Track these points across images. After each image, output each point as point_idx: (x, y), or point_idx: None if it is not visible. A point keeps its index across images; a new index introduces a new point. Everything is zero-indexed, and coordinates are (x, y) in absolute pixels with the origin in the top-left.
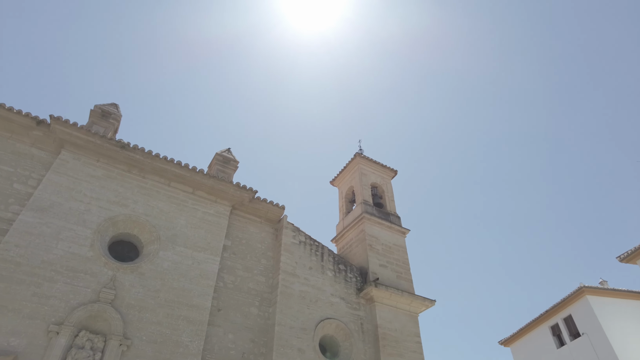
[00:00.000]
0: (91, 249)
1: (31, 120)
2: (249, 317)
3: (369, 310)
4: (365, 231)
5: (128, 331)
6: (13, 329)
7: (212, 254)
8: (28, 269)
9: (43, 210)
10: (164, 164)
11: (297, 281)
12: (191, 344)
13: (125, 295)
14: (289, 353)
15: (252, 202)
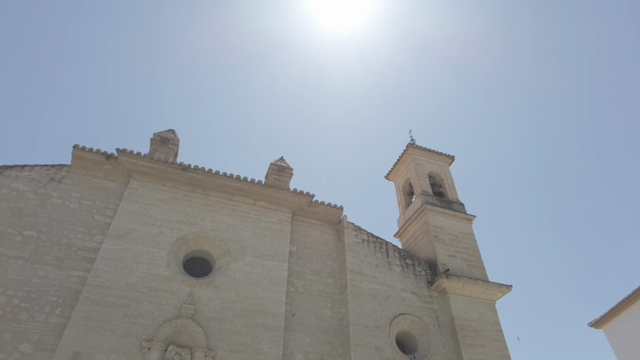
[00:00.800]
0: (168, 269)
1: (101, 155)
2: (322, 320)
3: (443, 303)
4: (428, 222)
5: (211, 342)
6: (112, 347)
7: (280, 260)
8: (116, 292)
9: (121, 237)
10: (225, 180)
11: (365, 280)
12: (271, 350)
13: (204, 308)
14: (367, 352)
15: (311, 206)
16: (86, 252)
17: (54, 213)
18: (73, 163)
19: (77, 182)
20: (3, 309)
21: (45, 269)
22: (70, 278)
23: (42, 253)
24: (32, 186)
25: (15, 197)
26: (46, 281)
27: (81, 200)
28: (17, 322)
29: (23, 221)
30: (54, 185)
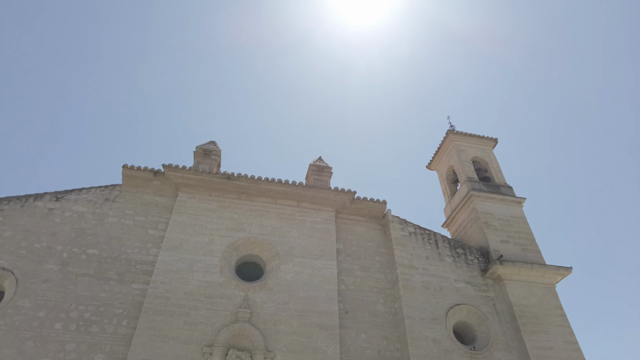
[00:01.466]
0: (221, 275)
1: (149, 172)
2: (376, 315)
3: (499, 290)
4: (476, 209)
5: (269, 344)
6: (176, 354)
7: (328, 259)
8: (175, 301)
9: (175, 248)
10: (267, 185)
11: (416, 272)
12: (328, 348)
13: (259, 311)
14: (424, 345)
15: (354, 203)
16: (144, 266)
17: (112, 231)
18: (124, 182)
19: (129, 200)
20: (77, 322)
21: (109, 284)
22: (132, 291)
23: (105, 269)
24: (90, 207)
25: (77, 218)
26: (111, 295)
27: (135, 217)
28: (90, 334)
29: (85, 240)
30: (109, 205)
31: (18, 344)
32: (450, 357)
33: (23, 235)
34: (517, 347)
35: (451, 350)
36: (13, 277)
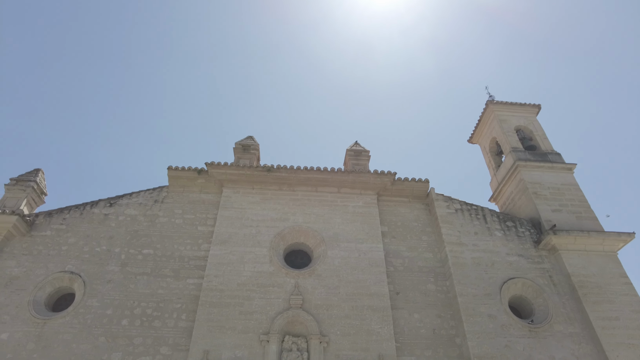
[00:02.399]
0: (271, 264)
1: (193, 172)
2: (428, 295)
3: (555, 261)
4: (524, 180)
5: (323, 329)
6: (235, 344)
7: (374, 242)
8: (229, 293)
9: (225, 242)
10: (307, 174)
11: (466, 249)
12: (382, 330)
13: (311, 297)
14: (480, 321)
15: (395, 185)
16: (197, 261)
17: (163, 230)
18: (170, 183)
19: (177, 199)
20: (141, 318)
21: (166, 281)
22: (188, 286)
23: (161, 267)
24: (141, 210)
25: (130, 221)
26: (169, 291)
27: (184, 215)
28: (153, 328)
29: (140, 241)
30: (158, 206)
31: (92, 340)
32: (508, 332)
33: (85, 240)
34: (580, 319)
35: (508, 325)
36: (81, 280)
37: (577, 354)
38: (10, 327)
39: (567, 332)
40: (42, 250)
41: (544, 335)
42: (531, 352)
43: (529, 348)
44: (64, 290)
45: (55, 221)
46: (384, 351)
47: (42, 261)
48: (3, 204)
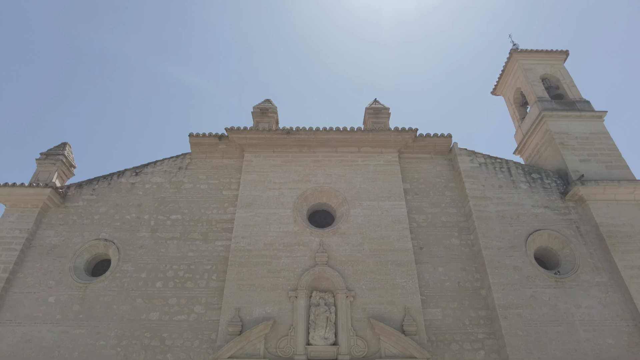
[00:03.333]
0: (295, 225)
1: (214, 137)
2: (452, 249)
3: (582, 212)
4: (550, 130)
5: (349, 284)
6: (265, 300)
7: (396, 199)
8: (257, 253)
9: (249, 205)
10: (326, 134)
11: (490, 203)
12: (407, 283)
13: (335, 255)
14: (505, 273)
15: (416, 141)
16: (224, 224)
17: (189, 196)
18: (192, 150)
19: (200, 165)
20: (174, 280)
21: (195, 244)
22: (216, 248)
23: (190, 231)
24: (166, 177)
25: (156, 189)
26: (199, 254)
27: (208, 181)
28: (187, 289)
29: (167, 208)
30: (183, 173)
31: (130, 301)
32: (534, 283)
33: (115, 209)
34: (607, 268)
35: (533, 276)
36: (115, 246)
37: (604, 302)
38: (56, 291)
39: (594, 282)
40: (77, 220)
41: (570, 285)
42: (557, 301)
43: (554, 298)
44: (100, 256)
45: (85, 192)
46: (410, 304)
47: (78, 230)
48: (36, 177)
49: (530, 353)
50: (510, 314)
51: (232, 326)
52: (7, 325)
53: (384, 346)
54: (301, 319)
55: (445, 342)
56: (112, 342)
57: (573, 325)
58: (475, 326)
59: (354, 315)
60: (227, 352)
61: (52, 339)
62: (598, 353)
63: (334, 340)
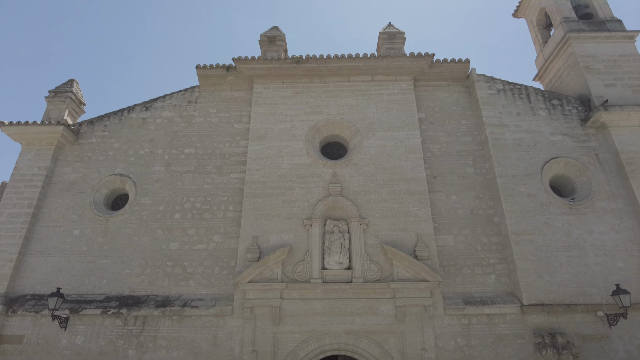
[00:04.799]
0: (308, 157)
1: (222, 69)
2: (466, 177)
3: (603, 139)
4: (575, 53)
5: (362, 212)
6: (281, 228)
7: (411, 129)
8: (271, 184)
9: (262, 137)
10: (338, 62)
11: (507, 131)
12: (419, 211)
13: (348, 185)
14: (519, 200)
15: (433, 67)
16: (237, 157)
17: (201, 130)
18: (200, 82)
19: (209, 98)
20: (191, 212)
21: (210, 177)
22: (231, 180)
23: (204, 164)
24: (176, 111)
25: (168, 123)
26: (214, 186)
27: (219, 114)
28: (204, 220)
29: (180, 142)
30: (192, 107)
31: (150, 233)
32: (548, 210)
33: (128, 145)
34: (624, 195)
35: (548, 203)
36: (131, 181)
37: (617, 228)
38: (79, 225)
39: (608, 208)
40: (92, 157)
41: (584, 212)
42: (570, 227)
43: (567, 224)
44: (118, 191)
45: (97, 129)
46: (422, 230)
47: (94, 166)
48: (48, 116)
49: (540, 277)
50: (523, 239)
51: (250, 253)
52: (39, 256)
53: (396, 270)
54: (316, 245)
55: (457, 266)
56: (137, 270)
57: (584, 250)
58: (487, 252)
59: (367, 241)
60: (246, 277)
61: (81, 268)
62: (607, 276)
63: (348, 264)
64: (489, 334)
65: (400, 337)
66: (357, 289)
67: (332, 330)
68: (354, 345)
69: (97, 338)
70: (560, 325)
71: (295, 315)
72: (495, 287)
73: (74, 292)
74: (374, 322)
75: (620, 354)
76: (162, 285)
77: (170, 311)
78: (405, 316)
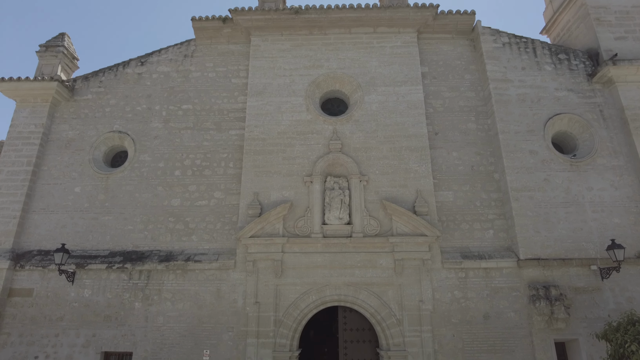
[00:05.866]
0: (308, 113)
1: (218, 21)
2: (468, 133)
3: (609, 95)
4: (586, 4)
5: (362, 169)
6: (282, 185)
7: (413, 84)
8: (271, 141)
9: (260, 93)
10: (339, 13)
11: (511, 86)
12: (420, 168)
13: (349, 142)
14: (521, 157)
15: (437, 19)
16: (236, 113)
17: (198, 85)
18: (197, 35)
19: (206, 52)
20: (192, 169)
21: (209, 133)
22: (231, 137)
23: (203, 120)
24: (172, 66)
25: (164, 78)
26: (214, 143)
27: (216, 69)
28: (205, 177)
29: (177, 97)
30: (189, 61)
31: (151, 189)
32: (548, 167)
33: (125, 101)
34: (626, 152)
35: (549, 160)
36: (130, 138)
37: (617, 185)
38: (80, 182)
39: (609, 165)
40: (89, 114)
41: (585, 168)
42: (569, 184)
43: (567, 181)
44: (116, 148)
45: (93, 85)
46: (422, 187)
47: (91, 123)
48: (40, 71)
49: (538, 232)
50: (522, 196)
51: (252, 209)
52: (42, 213)
53: (395, 225)
54: (317, 201)
55: (456, 222)
56: (139, 226)
57: (582, 207)
58: (486, 208)
59: (367, 197)
60: (248, 232)
61: (84, 225)
62: (603, 231)
63: (348, 220)
64: (485, 286)
65: (399, 289)
66: (357, 243)
67: (333, 283)
68: (354, 296)
69: (104, 291)
70: (555, 279)
71: (297, 268)
72: (493, 242)
73: (79, 248)
74: (373, 274)
75: (610, 305)
76: (165, 240)
77: (174, 265)
78: (404, 269)
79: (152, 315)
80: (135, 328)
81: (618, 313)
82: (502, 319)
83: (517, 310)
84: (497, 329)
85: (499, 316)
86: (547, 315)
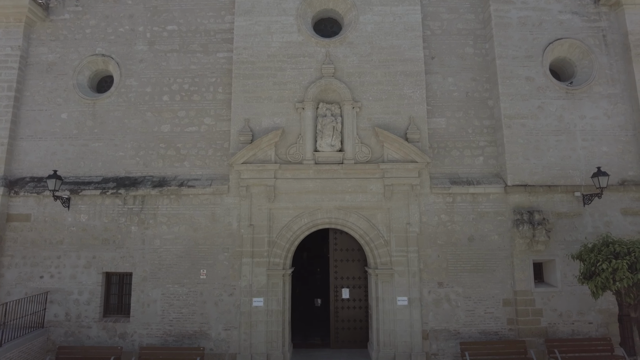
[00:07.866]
0: (300, 34)
1: None
2: (465, 58)
3: (615, 18)
4: None
5: (355, 95)
6: (273, 111)
7: (411, 4)
8: (261, 65)
9: (248, 12)
10: None
11: (512, 8)
12: (414, 94)
13: (342, 66)
14: (516, 83)
15: None
16: (223, 34)
17: (182, 4)
18: None
19: None
20: (180, 94)
21: (196, 56)
22: (219, 60)
23: (189, 42)
24: None
25: None
26: (201, 66)
27: None
28: (194, 102)
29: (161, 18)
30: None
31: (140, 115)
32: (544, 94)
33: (106, 21)
34: (624, 80)
35: (545, 87)
36: (114, 62)
37: (610, 114)
38: (66, 108)
39: (605, 93)
40: (68, 35)
41: (580, 96)
42: (563, 112)
43: (561, 109)
44: (101, 72)
45: (69, 3)
46: (415, 113)
47: (72, 46)
48: None
49: (527, 159)
50: (515, 123)
51: (243, 135)
52: (30, 140)
53: (387, 152)
54: (309, 128)
55: (447, 149)
56: (130, 152)
57: (573, 135)
58: (477, 135)
59: (360, 124)
60: (240, 159)
61: (75, 152)
62: (590, 159)
63: (340, 147)
64: (471, 211)
65: (387, 212)
66: (348, 169)
67: (324, 207)
68: (344, 219)
69: (100, 216)
70: (539, 205)
71: (289, 193)
72: (482, 169)
73: (71, 175)
74: (363, 199)
75: (588, 229)
76: (157, 166)
77: (168, 190)
78: (393, 194)
79: (149, 238)
80: (133, 250)
81: (595, 236)
82: (485, 241)
83: (501, 233)
84: (481, 250)
85: (483, 239)
86: (529, 238)
